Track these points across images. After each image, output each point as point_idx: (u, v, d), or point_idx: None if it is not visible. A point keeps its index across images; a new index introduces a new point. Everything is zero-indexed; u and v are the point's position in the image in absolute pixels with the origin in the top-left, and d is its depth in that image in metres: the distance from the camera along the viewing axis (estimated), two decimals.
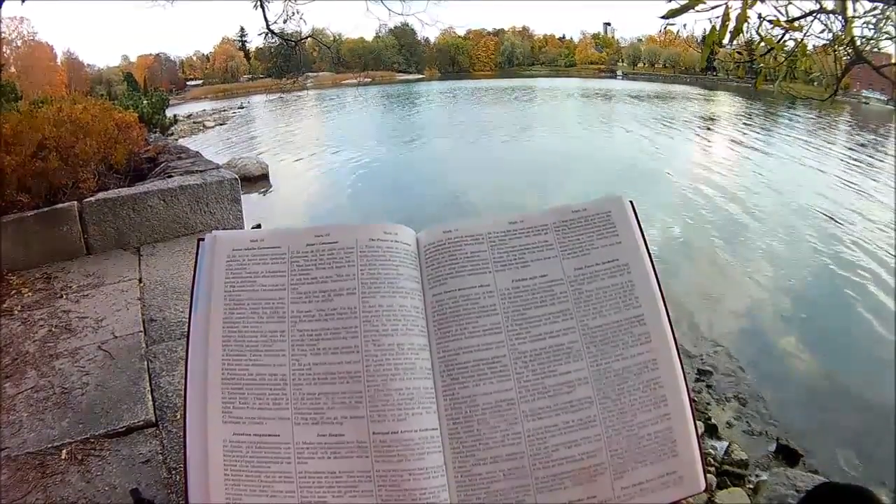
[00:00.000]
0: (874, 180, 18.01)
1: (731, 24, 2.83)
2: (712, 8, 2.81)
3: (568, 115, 38.11)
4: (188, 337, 1.18)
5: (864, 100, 48.42)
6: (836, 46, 3.07)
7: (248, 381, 1.13)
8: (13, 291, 4.59)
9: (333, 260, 1.20)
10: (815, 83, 3.60)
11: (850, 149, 24.16)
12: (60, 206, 5.24)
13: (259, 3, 10.12)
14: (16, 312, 4.22)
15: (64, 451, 2.77)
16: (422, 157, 24.20)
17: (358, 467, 1.08)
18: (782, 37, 3.13)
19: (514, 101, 50.41)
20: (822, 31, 3.06)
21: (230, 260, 1.23)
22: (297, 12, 10.62)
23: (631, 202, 1.31)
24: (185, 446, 1.11)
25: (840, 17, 2.90)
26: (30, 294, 4.54)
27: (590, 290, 1.22)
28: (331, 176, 20.66)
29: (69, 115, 6.63)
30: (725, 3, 2.80)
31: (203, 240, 1.27)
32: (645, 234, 1.28)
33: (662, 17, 2.91)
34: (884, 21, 2.85)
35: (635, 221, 1.28)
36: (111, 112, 7.87)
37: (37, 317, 4.14)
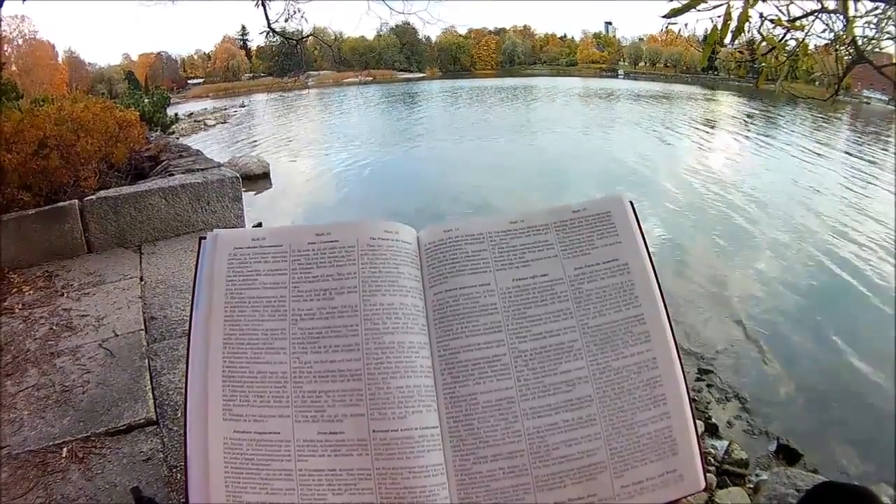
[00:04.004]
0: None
1: (733, 24, 2.83)
2: (714, 7, 2.81)
3: (570, 117, 37.90)
4: (189, 335, 1.18)
5: (865, 99, 48.47)
6: (837, 46, 3.07)
7: (249, 379, 1.13)
8: (14, 289, 4.60)
9: (334, 258, 1.21)
10: (817, 83, 3.61)
11: (846, 153, 24.00)
12: (61, 204, 5.26)
13: (260, 1, 10.10)
14: (17, 310, 4.23)
15: (65, 449, 2.78)
16: (424, 157, 24.07)
17: (358, 465, 1.08)
18: (783, 36, 3.13)
19: (516, 100, 50.32)
20: (824, 31, 3.07)
21: (232, 258, 1.23)
22: (299, 11, 10.61)
23: (631, 202, 1.31)
24: (185, 444, 1.11)
25: (841, 17, 2.90)
26: (31, 292, 4.55)
27: (590, 289, 1.22)
28: (332, 175, 20.57)
29: (70, 114, 6.65)
30: (727, 3, 2.80)
31: (205, 238, 1.27)
32: (644, 233, 1.29)
33: (664, 17, 2.91)
34: (885, 21, 2.86)
35: (635, 221, 1.28)
36: (112, 111, 7.87)
37: (38, 315, 4.15)
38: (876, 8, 2.83)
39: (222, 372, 1.14)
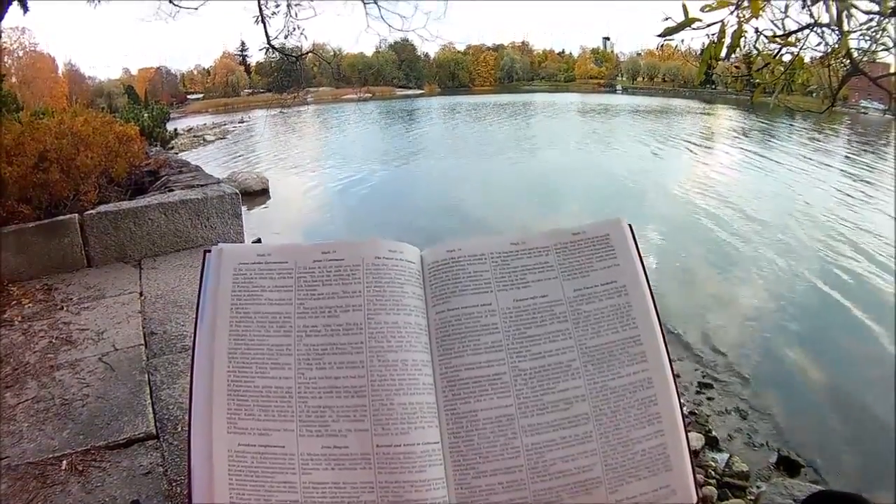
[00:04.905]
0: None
1: (727, 41, 2.87)
2: (708, 25, 2.85)
3: (565, 135, 37.76)
4: (193, 347, 1.20)
5: (862, 110, 48.92)
6: (831, 59, 3.10)
7: (254, 393, 1.15)
8: (14, 302, 4.61)
9: (340, 276, 1.23)
10: (815, 94, 3.63)
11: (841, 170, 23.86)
12: (61, 217, 5.28)
13: (260, 18, 10.16)
14: (16, 323, 4.24)
15: (64, 462, 2.78)
16: (423, 176, 24.08)
17: (361, 478, 1.10)
18: (778, 51, 3.16)
19: (514, 117, 50.32)
20: (819, 44, 3.10)
21: (237, 273, 1.25)
22: (298, 28, 10.63)
23: (630, 225, 1.34)
24: (189, 456, 1.13)
25: (836, 31, 2.93)
26: (30, 305, 4.56)
27: (588, 310, 1.25)
28: (331, 193, 20.56)
29: (70, 128, 6.65)
30: (721, 21, 2.84)
31: (209, 252, 1.29)
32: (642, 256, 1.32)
33: (659, 36, 2.94)
34: (880, 32, 2.88)
35: (633, 244, 1.31)
36: (112, 125, 7.87)
37: (37, 328, 4.16)
38: (870, 20, 2.86)
39: (227, 385, 1.15)
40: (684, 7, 2.76)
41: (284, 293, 1.23)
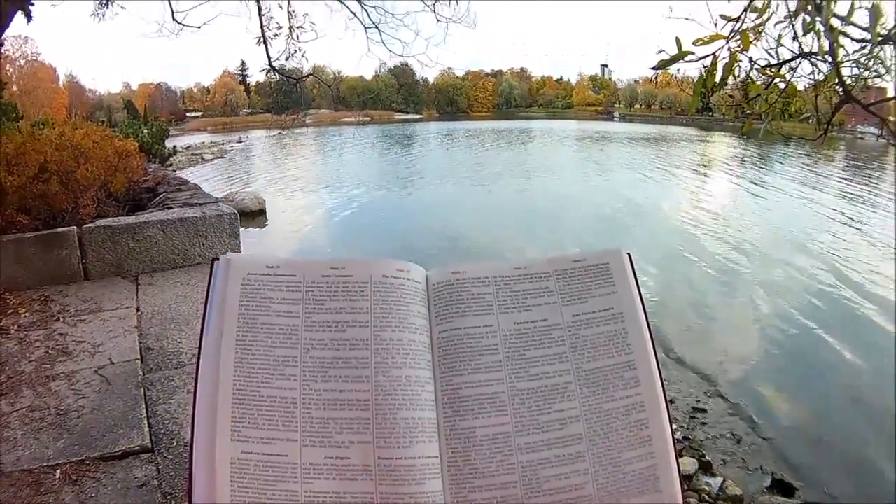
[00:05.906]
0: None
1: (719, 74, 2.93)
2: (702, 58, 2.91)
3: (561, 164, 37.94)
4: (199, 354, 1.21)
5: (859, 135, 49.22)
6: (824, 87, 3.14)
7: (259, 403, 1.17)
8: (10, 311, 4.62)
9: (348, 293, 1.26)
10: (810, 121, 3.67)
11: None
12: (60, 229, 5.31)
13: (262, 39, 10.23)
14: (12, 332, 4.25)
15: (58, 471, 2.78)
16: (422, 201, 24.10)
17: (362, 489, 1.12)
18: (770, 83, 3.21)
19: (511, 145, 50.49)
20: (812, 72, 3.14)
21: (245, 284, 1.27)
22: (299, 50, 10.70)
23: (629, 254, 1.38)
24: (191, 462, 1.14)
25: (829, 61, 2.97)
26: (27, 315, 4.57)
27: (586, 335, 1.28)
28: (329, 215, 20.59)
29: (71, 140, 6.66)
30: (713, 54, 2.89)
31: (217, 259, 1.31)
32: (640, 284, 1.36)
33: (653, 69, 3.00)
34: (872, 60, 2.93)
35: (631, 273, 1.35)
36: (112, 139, 7.88)
37: (33, 338, 4.17)
38: (862, 47, 2.90)
39: (232, 394, 1.17)
40: (678, 40, 2.83)
41: (292, 306, 1.25)
